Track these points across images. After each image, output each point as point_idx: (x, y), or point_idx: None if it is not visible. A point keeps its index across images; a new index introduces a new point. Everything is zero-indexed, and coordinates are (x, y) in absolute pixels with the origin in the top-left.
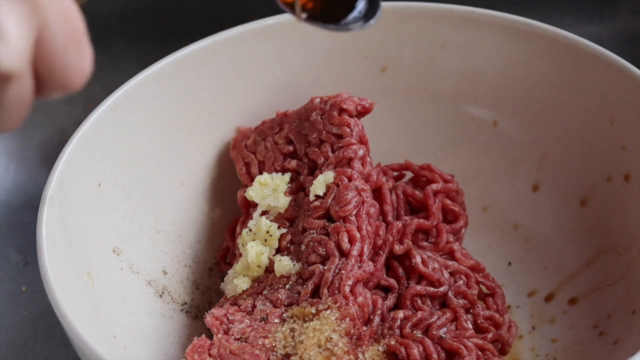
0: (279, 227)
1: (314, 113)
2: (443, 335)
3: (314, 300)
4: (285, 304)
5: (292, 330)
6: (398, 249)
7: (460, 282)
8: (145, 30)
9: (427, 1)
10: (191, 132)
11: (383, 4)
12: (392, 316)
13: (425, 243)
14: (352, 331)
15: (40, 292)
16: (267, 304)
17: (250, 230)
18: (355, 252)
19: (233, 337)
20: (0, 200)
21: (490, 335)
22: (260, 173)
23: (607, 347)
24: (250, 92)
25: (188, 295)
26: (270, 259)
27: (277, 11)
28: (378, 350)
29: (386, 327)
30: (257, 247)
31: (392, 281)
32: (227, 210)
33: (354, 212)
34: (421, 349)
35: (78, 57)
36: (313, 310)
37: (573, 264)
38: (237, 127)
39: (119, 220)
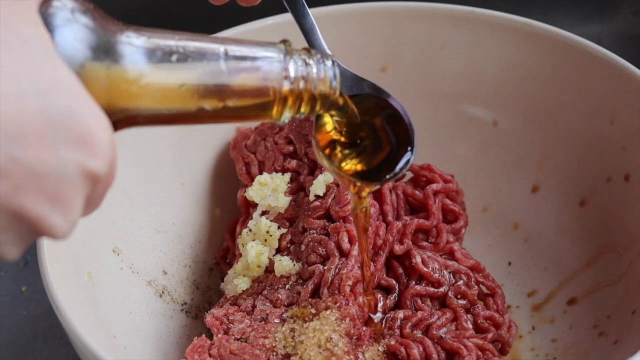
0: (279, 227)
1: None
2: (443, 335)
3: (314, 300)
4: (285, 304)
5: (292, 330)
6: (398, 249)
7: (460, 282)
8: None
9: (427, 1)
10: (191, 132)
11: (384, 4)
12: (392, 316)
13: (425, 243)
14: (352, 331)
15: (40, 292)
16: (267, 304)
17: (250, 230)
18: (355, 252)
19: (233, 337)
20: None
21: (490, 335)
22: (260, 173)
23: (607, 347)
24: None
25: (188, 295)
26: (270, 259)
27: (277, 11)
28: (378, 350)
29: (386, 327)
30: (257, 247)
31: (392, 281)
32: (227, 210)
33: None
34: (421, 349)
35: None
36: (313, 310)
37: (573, 264)
38: (237, 127)
39: (119, 220)
